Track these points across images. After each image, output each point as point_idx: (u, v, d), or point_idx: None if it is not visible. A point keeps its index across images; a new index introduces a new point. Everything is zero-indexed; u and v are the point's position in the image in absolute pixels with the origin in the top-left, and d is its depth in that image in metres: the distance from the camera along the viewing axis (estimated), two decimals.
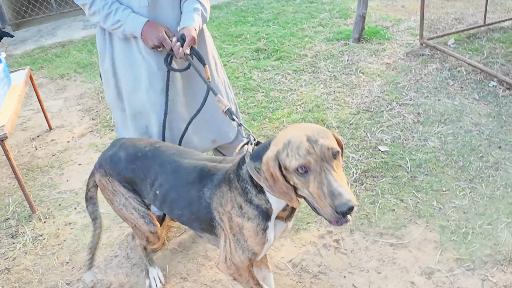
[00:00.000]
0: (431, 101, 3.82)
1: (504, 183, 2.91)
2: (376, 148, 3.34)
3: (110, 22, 2.24)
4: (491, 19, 5.05)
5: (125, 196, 2.11)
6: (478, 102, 3.74)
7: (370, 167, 3.16)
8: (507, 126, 3.42)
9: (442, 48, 4.49)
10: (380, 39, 4.96)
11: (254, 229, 1.77)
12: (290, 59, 4.69)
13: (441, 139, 3.36)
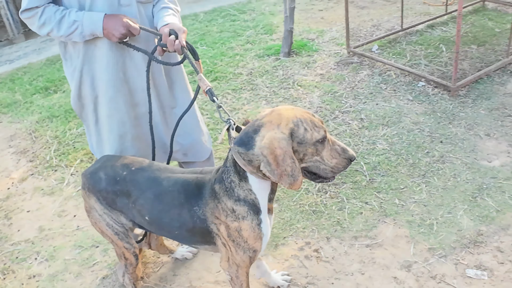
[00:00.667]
0: (370, 106, 4.14)
1: (453, 173, 3.26)
2: None
3: (65, 25, 2.15)
4: (406, 24, 5.54)
5: (99, 212, 2.22)
6: (412, 102, 4.12)
7: None
8: (443, 122, 3.81)
9: (369, 55, 4.88)
10: (309, 51, 5.26)
11: (250, 226, 1.90)
12: (227, 79, 4.85)
13: (388, 140, 3.68)
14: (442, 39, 5.16)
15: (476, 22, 5.63)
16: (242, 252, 1.95)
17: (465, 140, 3.58)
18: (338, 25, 5.98)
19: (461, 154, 3.44)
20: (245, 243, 1.93)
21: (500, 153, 3.44)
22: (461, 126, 3.73)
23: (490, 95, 4.11)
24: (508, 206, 2.97)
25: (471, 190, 3.12)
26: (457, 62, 3.99)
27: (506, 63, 4.47)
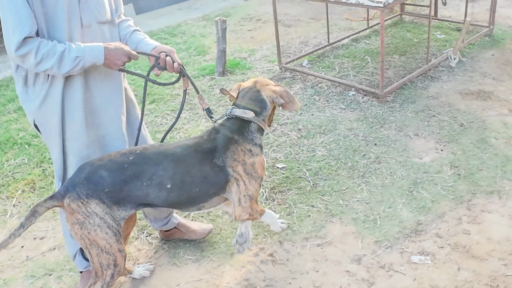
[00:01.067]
0: (306, 117, 4.40)
1: (389, 172, 3.55)
2: (274, 167, 3.77)
3: (68, 63, 2.14)
4: (332, 39, 5.92)
5: (100, 215, 2.25)
6: (345, 111, 4.42)
7: (275, 184, 3.57)
8: (375, 126, 4.13)
9: (300, 70, 5.17)
10: (243, 70, 5.49)
11: (260, 159, 2.51)
12: (165, 100, 4.96)
13: (326, 147, 3.93)
14: (366, 51, 5.56)
15: (396, 34, 6.10)
16: (255, 182, 2.47)
17: (396, 141, 3.90)
18: (268, 43, 6.27)
19: (394, 154, 3.75)
20: (256, 173, 2.47)
21: (429, 150, 3.79)
22: (392, 129, 4.06)
23: (415, 99, 4.50)
24: (442, 196, 3.28)
25: (407, 185, 3.41)
26: (383, 70, 4.35)
27: (426, 69, 4.91)
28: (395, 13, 6.72)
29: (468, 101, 4.45)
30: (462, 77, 4.90)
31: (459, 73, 4.98)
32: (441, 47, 5.62)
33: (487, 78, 4.87)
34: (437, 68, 5.08)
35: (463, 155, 3.70)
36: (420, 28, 6.16)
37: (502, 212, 3.16)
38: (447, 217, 3.13)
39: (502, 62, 5.24)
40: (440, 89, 4.67)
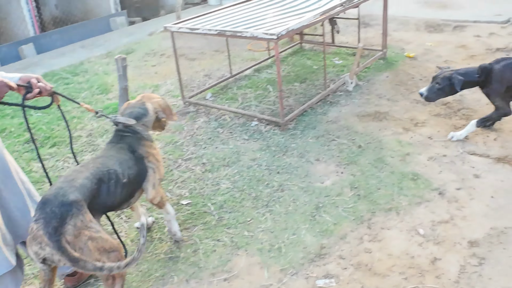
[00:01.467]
0: (210, 150, 4.45)
1: (292, 199, 3.66)
2: (179, 204, 3.77)
3: None
4: (235, 70, 6.06)
5: (93, 221, 2.40)
6: (248, 141, 4.52)
7: (180, 221, 3.57)
8: (278, 154, 4.26)
9: (204, 103, 5.25)
10: None
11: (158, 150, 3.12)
12: (66, 143, 4.83)
13: (230, 179, 3.99)
14: (268, 81, 5.75)
15: (296, 62, 6.36)
16: (161, 167, 3.03)
17: (299, 168, 4.04)
18: (172, 78, 6.32)
19: (297, 181, 3.88)
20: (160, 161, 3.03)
21: (330, 173, 3.95)
22: (294, 156, 4.20)
23: (316, 124, 4.69)
24: (343, 218, 3.42)
25: (310, 211, 3.53)
26: (282, 99, 4.51)
27: (324, 95, 5.15)
28: (295, 42, 7.02)
29: (365, 122, 4.71)
30: (359, 100, 5.18)
31: (357, 96, 5.26)
32: (339, 72, 5.92)
33: (382, 99, 5.18)
34: (335, 93, 5.35)
35: (362, 176, 3.89)
36: (319, 55, 6.46)
37: (400, 227, 3.34)
38: (349, 238, 3.26)
39: (396, 83, 5.60)
40: (339, 113, 4.91)
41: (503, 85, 4.11)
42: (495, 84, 4.13)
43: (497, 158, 4.12)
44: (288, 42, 7.21)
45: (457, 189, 3.74)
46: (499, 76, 4.10)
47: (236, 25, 4.81)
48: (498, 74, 4.11)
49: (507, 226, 3.34)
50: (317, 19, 4.78)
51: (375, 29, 7.68)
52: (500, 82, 4.10)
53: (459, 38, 7.50)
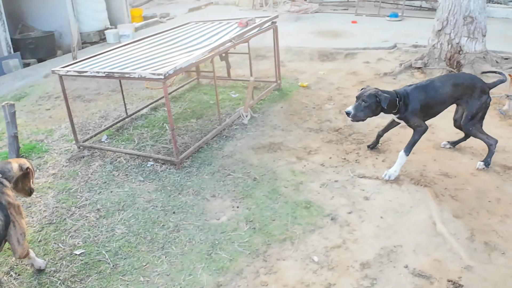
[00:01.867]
0: (105, 195, 4.35)
1: (188, 238, 3.65)
2: (72, 254, 3.63)
3: None
4: (132, 110, 6.00)
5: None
6: (144, 183, 4.47)
7: (73, 273, 3.43)
8: (173, 194, 4.24)
9: (98, 146, 5.13)
10: (39, 153, 5.27)
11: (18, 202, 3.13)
12: None
13: (126, 223, 3.91)
14: (165, 119, 5.74)
15: (193, 97, 6.41)
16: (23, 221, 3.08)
17: (194, 206, 4.04)
18: (67, 122, 6.11)
19: (192, 219, 3.87)
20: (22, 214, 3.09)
21: (225, 209, 3.98)
22: (189, 194, 4.20)
23: (211, 160, 4.73)
24: (239, 253, 3.45)
25: (206, 249, 3.53)
26: (175, 138, 4.52)
27: (220, 130, 5.22)
28: (192, 77, 7.08)
29: (260, 155, 4.81)
30: (254, 133, 5.30)
31: (252, 129, 5.38)
32: (236, 106, 6.04)
33: (277, 130, 5.33)
34: (231, 127, 5.44)
35: (257, 209, 3.96)
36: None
37: (295, 256, 3.42)
38: (245, 273, 3.29)
39: (290, 113, 5.79)
40: (234, 147, 4.98)
41: (418, 104, 4.29)
42: (412, 105, 4.28)
43: (385, 179, 4.35)
44: (185, 78, 7.27)
45: (348, 213, 3.90)
46: (414, 97, 4.28)
47: (128, 65, 4.79)
48: (413, 95, 4.29)
49: (396, 244, 3.52)
50: (205, 56, 4.86)
51: (270, 61, 7.92)
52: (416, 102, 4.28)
53: (350, 65, 7.92)
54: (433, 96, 4.33)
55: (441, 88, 4.35)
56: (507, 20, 11.67)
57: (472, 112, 4.44)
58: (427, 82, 4.43)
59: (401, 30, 10.49)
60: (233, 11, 13.52)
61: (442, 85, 4.36)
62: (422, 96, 4.30)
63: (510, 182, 4.26)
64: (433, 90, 4.34)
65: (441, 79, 4.45)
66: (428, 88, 4.34)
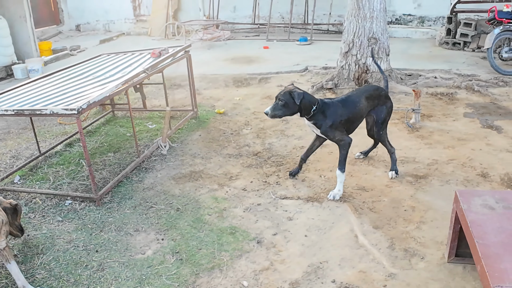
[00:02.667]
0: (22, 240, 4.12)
1: (113, 277, 3.53)
2: None
3: None
4: (45, 147, 5.77)
5: None
6: (63, 223, 4.29)
7: None
8: (95, 231, 4.10)
9: (11, 188, 4.87)
10: None
11: None
12: None
13: (46, 267, 3.72)
14: (81, 155, 5.56)
15: (110, 131, 6.27)
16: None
17: (118, 242, 3.92)
18: None
19: (117, 256, 3.76)
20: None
21: (150, 242, 3.90)
22: (112, 231, 4.08)
23: (132, 194, 4.64)
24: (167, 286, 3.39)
25: (133, 285, 3.43)
26: (92, 174, 4.39)
27: (139, 162, 5.13)
28: (107, 110, 6.94)
29: (181, 184, 4.78)
30: (174, 163, 5.26)
31: (171, 159, 5.34)
32: (154, 137, 5.98)
33: (196, 158, 5.32)
34: (150, 158, 5.37)
35: (183, 239, 3.91)
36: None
37: (224, 284, 3.41)
38: None
39: (209, 141, 5.82)
40: (155, 179, 4.92)
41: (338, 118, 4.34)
42: (332, 118, 4.32)
43: (306, 198, 4.46)
44: (100, 111, 7.11)
45: (273, 234, 3.95)
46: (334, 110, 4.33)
47: (39, 101, 4.61)
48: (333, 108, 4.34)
49: (322, 260, 3.61)
50: (119, 89, 4.80)
51: (186, 89, 7.94)
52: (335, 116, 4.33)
53: (264, 90, 8.11)
54: (351, 111, 4.43)
55: (357, 102, 4.48)
56: (408, 39, 12.48)
57: (381, 118, 4.69)
58: (344, 97, 4.54)
59: (311, 53, 10.91)
60: (146, 41, 13.45)
61: (357, 100, 4.50)
62: (340, 111, 4.37)
63: (422, 190, 4.51)
64: (351, 105, 4.45)
65: (355, 94, 4.57)
66: (348, 102, 4.45)
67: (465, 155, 5.22)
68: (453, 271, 3.43)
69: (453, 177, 4.73)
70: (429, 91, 7.55)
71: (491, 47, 8.56)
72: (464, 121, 6.27)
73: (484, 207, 3.17)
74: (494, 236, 2.87)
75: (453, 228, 3.40)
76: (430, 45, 11.55)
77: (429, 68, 9.01)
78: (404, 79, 8.10)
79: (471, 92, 7.53)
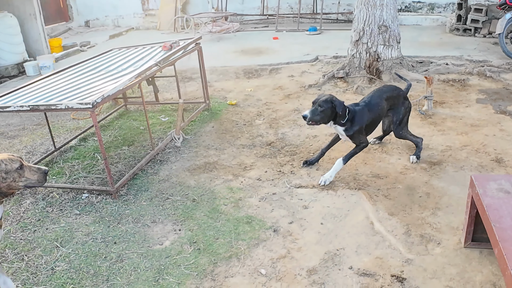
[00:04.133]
0: (41, 233, 4.18)
1: (132, 267, 3.57)
2: None
3: None
4: (60, 143, 5.82)
5: None
6: (80, 216, 4.34)
7: None
8: (112, 224, 4.14)
9: None
10: None
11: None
12: None
13: (66, 260, 3.78)
14: (95, 149, 5.62)
15: (123, 125, 6.32)
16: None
17: (136, 234, 3.97)
18: None
19: (135, 248, 3.80)
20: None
21: (167, 233, 3.94)
22: (129, 223, 4.13)
23: (148, 186, 4.68)
24: (186, 276, 3.43)
25: (152, 276, 3.47)
26: (109, 167, 4.43)
27: (153, 155, 5.17)
28: (120, 104, 6.98)
29: (196, 175, 4.82)
30: (188, 154, 5.29)
31: (185, 151, 5.37)
32: (167, 130, 6.01)
33: (210, 150, 5.35)
34: (164, 151, 5.41)
35: (200, 229, 3.95)
36: (145, 115, 6.49)
37: (242, 272, 3.44)
38: None
39: (222, 132, 5.84)
40: (170, 171, 4.96)
41: (364, 123, 4.47)
42: (359, 124, 4.44)
43: (321, 186, 4.47)
44: (113, 105, 7.15)
45: (289, 223, 3.97)
46: (360, 117, 4.45)
47: (53, 97, 4.66)
48: (359, 115, 4.45)
49: (338, 247, 3.63)
50: (133, 82, 4.83)
51: (197, 82, 7.96)
52: (361, 121, 4.45)
53: (275, 80, 8.10)
54: (374, 114, 4.56)
55: (379, 105, 4.59)
56: (418, 27, 12.39)
57: (399, 118, 4.77)
58: (368, 100, 4.60)
59: (321, 43, 10.87)
60: (155, 35, 13.48)
61: (379, 101, 4.60)
62: (367, 116, 4.49)
63: (437, 176, 4.51)
64: (375, 108, 4.56)
65: (376, 96, 4.65)
66: (370, 106, 4.55)
67: (479, 141, 5.20)
68: (469, 255, 3.43)
69: (467, 163, 4.72)
70: (440, 78, 7.52)
71: (502, 32, 8.48)
72: (476, 107, 6.24)
73: (500, 191, 3.16)
74: (511, 219, 2.87)
75: (469, 213, 3.40)
76: (441, 32, 11.46)
77: (440, 55, 8.94)
78: (415, 66, 8.06)
79: (483, 78, 7.47)
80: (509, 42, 8.89)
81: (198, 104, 6.75)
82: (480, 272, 3.27)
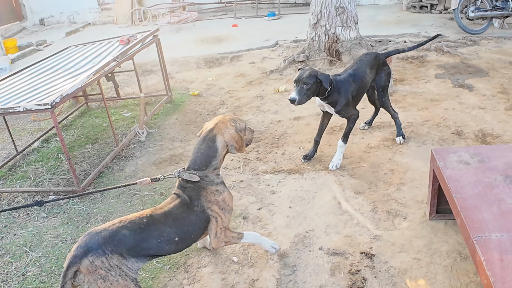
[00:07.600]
0: (9, 239, 4.11)
1: None
2: None
3: None
4: (21, 146, 5.71)
5: (121, 267, 2.54)
6: (48, 219, 4.28)
7: None
8: (81, 224, 4.11)
9: None
10: None
11: (228, 193, 3.05)
12: None
13: (36, 264, 3.73)
14: (59, 149, 5.53)
15: (85, 123, 6.23)
16: (227, 213, 3.02)
17: None
18: None
19: None
20: (228, 206, 3.02)
21: None
22: (98, 221, 4.10)
23: (114, 183, 4.65)
24: (159, 269, 3.44)
25: None
26: (73, 167, 4.39)
27: (118, 152, 5.13)
28: (81, 102, 6.88)
29: (163, 169, 4.80)
30: (153, 148, 5.27)
31: (150, 145, 5.34)
32: (130, 125, 5.96)
33: (175, 142, 5.34)
34: (129, 147, 5.36)
35: None
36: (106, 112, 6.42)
37: (215, 261, 3.48)
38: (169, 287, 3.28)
39: (186, 123, 5.83)
40: (136, 166, 4.93)
41: (350, 94, 4.26)
42: (345, 96, 4.22)
43: (287, 170, 4.53)
44: (74, 104, 7.04)
45: (258, 209, 4.02)
46: (346, 88, 4.24)
47: (10, 100, 4.56)
48: (345, 86, 4.24)
49: (307, 229, 3.69)
50: (91, 79, 4.76)
51: (158, 75, 7.90)
52: (348, 93, 4.24)
53: (236, 68, 8.10)
54: (360, 84, 4.39)
55: (364, 73, 4.44)
56: (375, 6, 12.54)
57: (381, 85, 4.67)
58: (353, 71, 4.41)
59: (280, 27, 10.90)
60: (113, 29, 13.26)
61: (364, 70, 4.45)
62: (353, 86, 4.30)
63: (400, 153, 4.61)
64: (360, 78, 4.39)
65: (360, 66, 4.48)
66: (356, 76, 4.37)
67: (439, 115, 5.33)
68: (435, 227, 3.54)
69: (429, 138, 4.84)
70: (399, 56, 7.64)
71: (457, 7, 8.67)
72: (436, 82, 6.39)
73: (460, 163, 3.26)
74: (471, 189, 2.96)
75: (432, 186, 3.50)
76: (398, 10, 11.63)
77: (398, 33, 9.09)
78: (374, 45, 8.17)
79: (441, 53, 7.64)
80: (464, 16, 9.09)
81: (160, 97, 6.71)
82: (446, 242, 3.38)
